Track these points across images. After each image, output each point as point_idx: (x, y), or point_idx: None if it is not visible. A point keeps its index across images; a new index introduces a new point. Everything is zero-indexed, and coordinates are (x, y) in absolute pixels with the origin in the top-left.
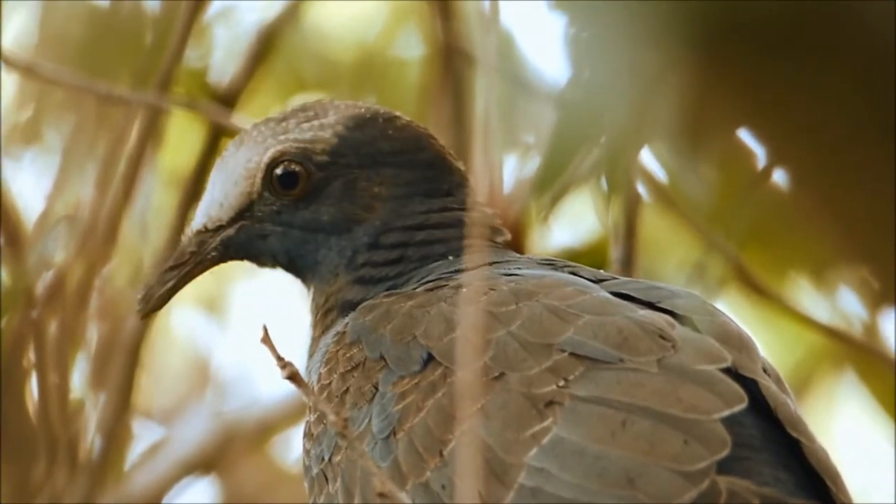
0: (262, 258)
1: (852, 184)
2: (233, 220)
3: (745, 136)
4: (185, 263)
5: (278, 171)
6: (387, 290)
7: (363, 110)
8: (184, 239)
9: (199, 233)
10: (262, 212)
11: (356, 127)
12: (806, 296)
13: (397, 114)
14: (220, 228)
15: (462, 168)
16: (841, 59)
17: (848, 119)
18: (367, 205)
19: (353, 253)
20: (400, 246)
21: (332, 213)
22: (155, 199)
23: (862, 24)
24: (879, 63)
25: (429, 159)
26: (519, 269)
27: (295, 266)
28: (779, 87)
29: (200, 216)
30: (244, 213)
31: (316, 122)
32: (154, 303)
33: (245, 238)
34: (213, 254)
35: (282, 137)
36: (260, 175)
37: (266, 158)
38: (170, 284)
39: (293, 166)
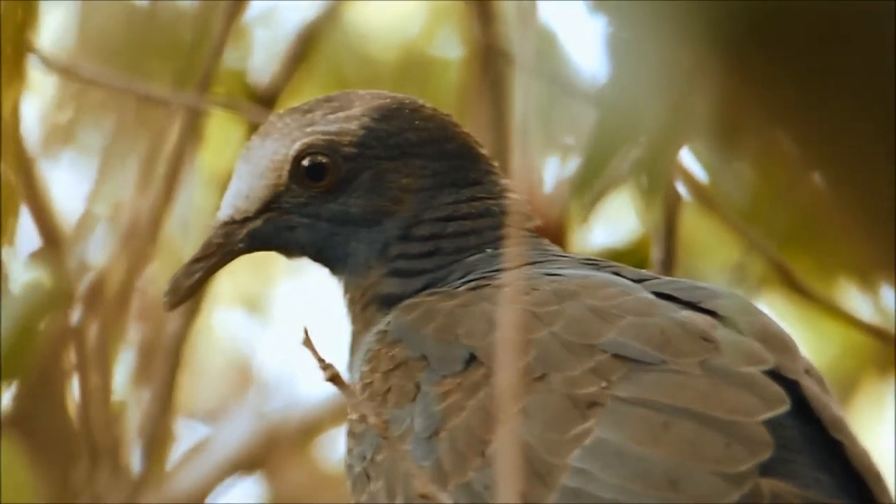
0: (290, 249)
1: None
2: (259, 212)
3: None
4: (213, 255)
5: (306, 163)
6: (426, 283)
7: (389, 101)
8: (210, 230)
9: (225, 224)
10: (289, 203)
11: (382, 118)
12: (848, 296)
13: (422, 103)
14: (246, 220)
15: (487, 155)
16: (876, 58)
17: (883, 119)
18: (395, 197)
19: (383, 245)
20: (432, 238)
21: (361, 206)
22: (196, 199)
23: None
24: None
25: (455, 149)
26: (561, 268)
27: (323, 257)
28: (813, 86)
29: (226, 207)
30: (271, 204)
31: (342, 114)
32: (181, 294)
33: (272, 230)
34: (240, 245)
35: (308, 129)
36: (287, 167)
37: (293, 151)
38: (196, 276)
39: (321, 158)
